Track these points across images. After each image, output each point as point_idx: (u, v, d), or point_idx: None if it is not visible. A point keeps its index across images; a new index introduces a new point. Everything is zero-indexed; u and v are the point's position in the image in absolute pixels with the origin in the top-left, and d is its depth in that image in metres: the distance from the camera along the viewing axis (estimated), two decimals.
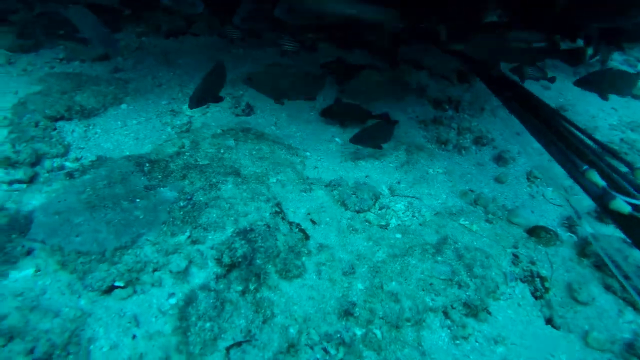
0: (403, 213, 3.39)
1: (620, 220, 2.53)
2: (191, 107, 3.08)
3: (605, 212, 2.69)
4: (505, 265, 2.93)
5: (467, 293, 2.70)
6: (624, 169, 2.99)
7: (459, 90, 5.57)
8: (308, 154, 3.88)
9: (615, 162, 3.08)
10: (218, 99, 3.36)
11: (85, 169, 3.18)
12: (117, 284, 2.34)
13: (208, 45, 5.53)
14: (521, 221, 3.41)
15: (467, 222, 3.32)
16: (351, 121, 4.41)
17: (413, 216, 3.38)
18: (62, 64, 4.61)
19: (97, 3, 4.87)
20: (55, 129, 3.55)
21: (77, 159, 3.40)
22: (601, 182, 2.61)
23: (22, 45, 4.47)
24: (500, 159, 4.30)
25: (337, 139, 4.22)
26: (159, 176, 2.92)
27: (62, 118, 3.67)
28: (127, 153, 3.60)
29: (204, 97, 3.11)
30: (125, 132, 3.84)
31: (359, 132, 3.73)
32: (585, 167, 2.78)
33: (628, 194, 2.56)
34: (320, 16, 3.49)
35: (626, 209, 2.42)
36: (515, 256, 2.99)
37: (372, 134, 3.75)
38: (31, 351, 1.91)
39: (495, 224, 3.36)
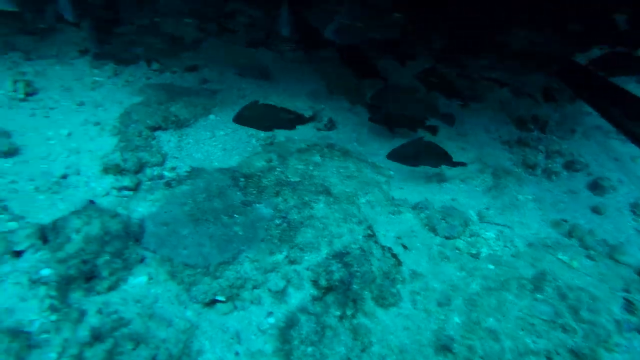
0: (494, 242, 3.22)
1: None
2: (234, 120, 3.23)
3: None
4: (617, 312, 2.68)
5: (574, 339, 2.50)
6: None
7: (545, 110, 5.25)
8: (392, 172, 3.81)
9: None
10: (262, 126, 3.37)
11: (181, 179, 3.32)
12: (218, 298, 2.41)
13: (285, 58, 5.61)
14: (629, 260, 3.12)
15: (565, 257, 3.09)
16: (400, 128, 4.25)
17: (505, 246, 3.20)
18: (156, 74, 4.89)
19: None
20: (154, 139, 3.77)
21: (173, 169, 3.58)
22: None
23: (125, 59, 4.80)
24: (596, 187, 3.98)
25: None
26: (254, 192, 2.99)
27: (159, 128, 3.88)
28: (216, 164, 3.74)
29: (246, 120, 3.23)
30: (214, 142, 4.00)
31: (398, 147, 3.46)
32: None
33: None
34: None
35: None
36: (629, 302, 2.73)
37: (411, 153, 3.45)
38: (153, 358, 2.00)
39: (598, 262, 3.10)
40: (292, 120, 3.36)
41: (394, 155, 3.44)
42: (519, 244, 3.20)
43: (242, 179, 3.09)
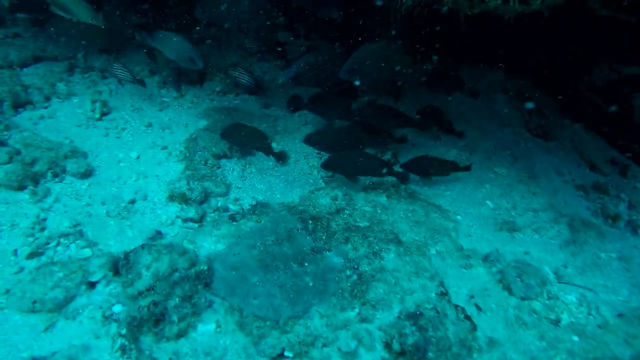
0: (576, 308, 2.93)
1: None
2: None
3: None
4: None
5: None
6: None
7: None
8: (459, 217, 3.60)
9: None
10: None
11: (245, 213, 3.27)
12: (287, 354, 2.30)
13: None
14: None
15: None
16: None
17: (589, 314, 2.90)
18: (220, 96, 4.92)
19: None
20: (219, 167, 3.75)
21: (236, 200, 3.55)
22: None
23: (191, 79, 4.87)
24: None
25: (488, 202, 3.87)
26: (323, 237, 2.88)
27: (224, 156, 3.87)
28: (279, 196, 3.68)
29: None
30: (276, 173, 3.94)
31: (330, 157, 3.52)
32: None
33: None
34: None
35: None
36: None
37: (342, 162, 3.45)
38: None
39: None
40: (265, 147, 3.65)
41: (326, 166, 3.54)
42: (606, 313, 2.90)
43: (311, 222, 2.99)
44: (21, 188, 3.32)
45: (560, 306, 2.91)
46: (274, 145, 4.04)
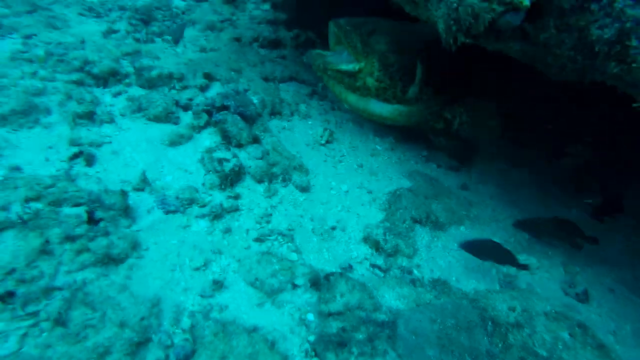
0: None
1: None
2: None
3: None
4: None
5: None
6: None
7: None
8: None
9: None
10: None
11: (425, 283, 3.65)
12: None
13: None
14: None
15: None
16: None
17: None
18: (423, 161, 5.49)
19: None
20: (413, 230, 4.24)
21: (418, 266, 3.96)
22: None
23: (405, 137, 5.56)
24: None
25: None
26: (499, 345, 3.07)
27: (419, 222, 4.34)
28: (454, 279, 3.96)
29: None
30: (458, 256, 4.24)
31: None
32: None
33: None
34: None
35: None
36: None
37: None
38: None
39: None
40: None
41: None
42: None
43: (490, 323, 3.21)
44: (260, 182, 4.35)
45: None
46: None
